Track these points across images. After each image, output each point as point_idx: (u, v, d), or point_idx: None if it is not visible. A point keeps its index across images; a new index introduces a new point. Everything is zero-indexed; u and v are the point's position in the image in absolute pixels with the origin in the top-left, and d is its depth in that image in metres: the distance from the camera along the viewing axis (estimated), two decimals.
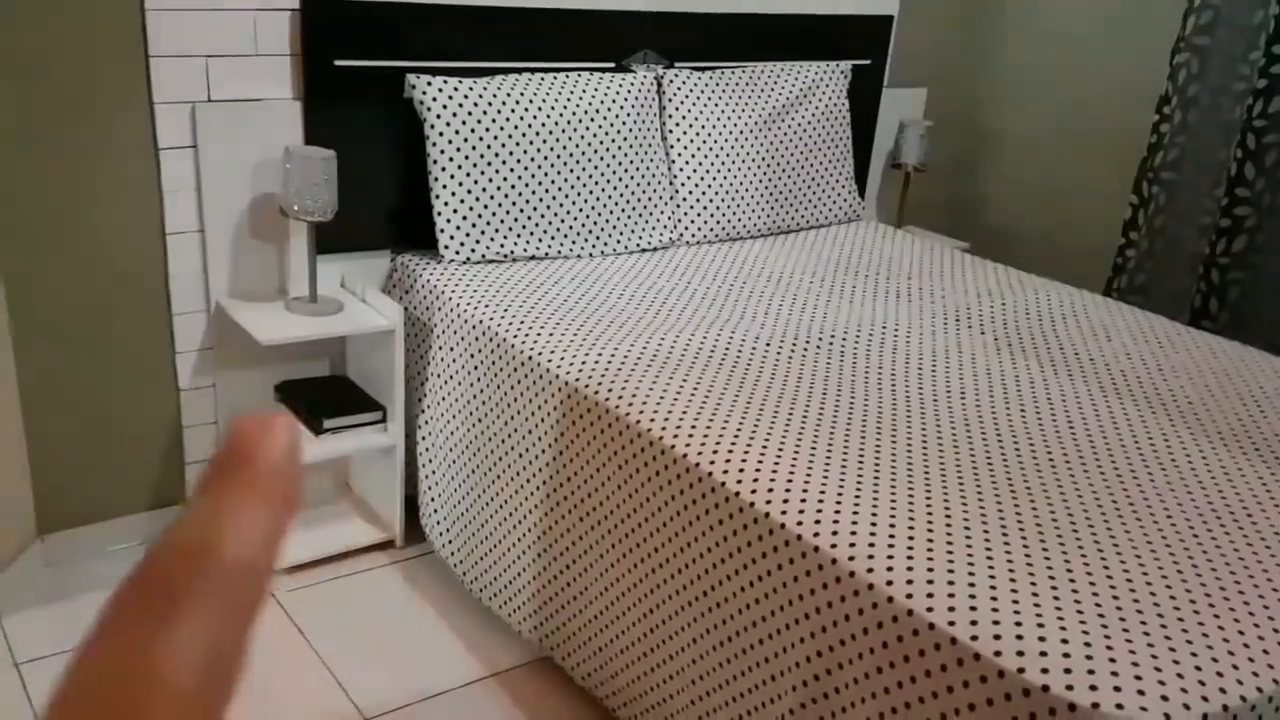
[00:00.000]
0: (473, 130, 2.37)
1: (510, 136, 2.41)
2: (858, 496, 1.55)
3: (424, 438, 2.35)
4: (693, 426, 1.72)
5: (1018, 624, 1.28)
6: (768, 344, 2.10)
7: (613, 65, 2.70)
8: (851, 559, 1.42)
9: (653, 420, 1.75)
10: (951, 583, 1.35)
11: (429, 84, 2.35)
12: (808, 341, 2.13)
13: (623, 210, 2.59)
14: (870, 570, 1.39)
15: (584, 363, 1.95)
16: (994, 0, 3.48)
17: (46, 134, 2.06)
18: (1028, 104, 3.46)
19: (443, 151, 2.36)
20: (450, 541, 2.27)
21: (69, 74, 2.05)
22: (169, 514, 2.43)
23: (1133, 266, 3.05)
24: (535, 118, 2.45)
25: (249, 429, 0.30)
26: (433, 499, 2.33)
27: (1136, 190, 3.01)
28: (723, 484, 1.60)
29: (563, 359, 1.98)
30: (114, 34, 2.07)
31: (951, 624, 1.29)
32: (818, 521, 1.49)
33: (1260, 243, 2.86)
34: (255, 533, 0.28)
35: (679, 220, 2.72)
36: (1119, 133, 3.20)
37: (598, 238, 2.56)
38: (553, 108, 2.47)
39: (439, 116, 2.35)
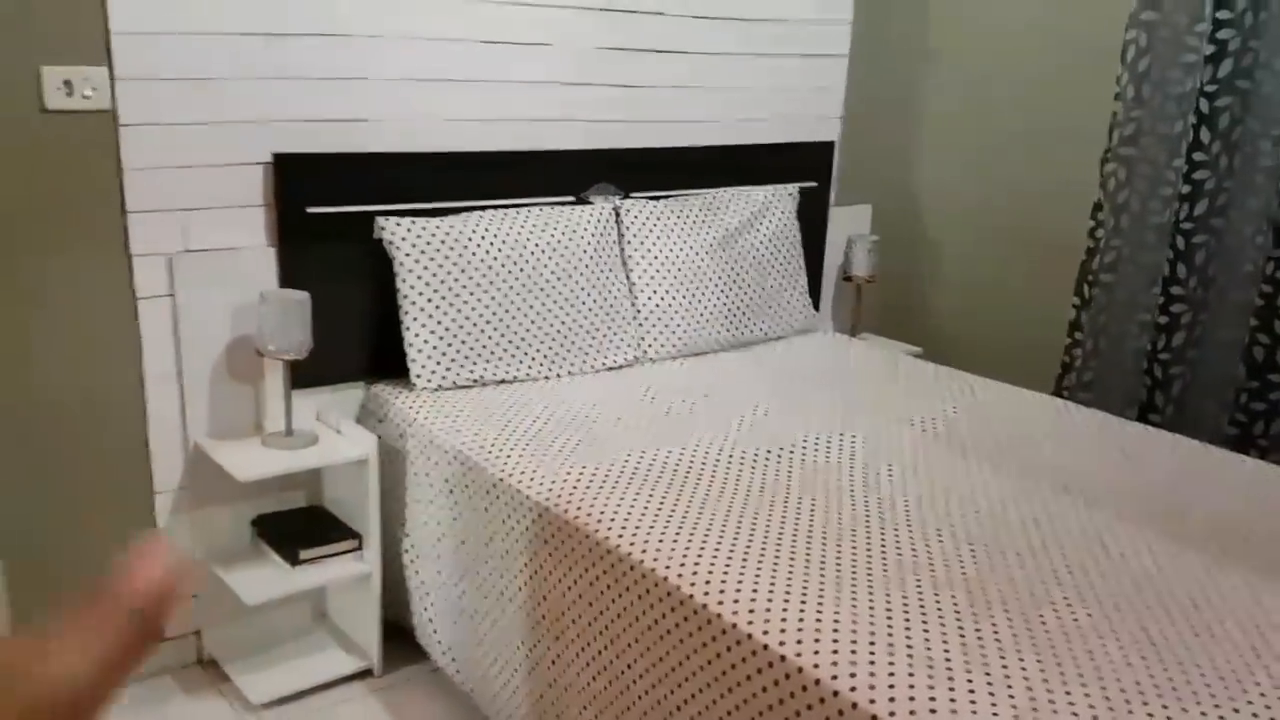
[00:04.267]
0: (440, 265, 2.49)
1: (476, 269, 2.53)
2: (827, 604, 1.61)
3: (411, 562, 2.40)
4: (660, 541, 1.79)
5: None
6: (730, 455, 2.17)
7: (572, 198, 2.85)
8: (835, 677, 1.47)
9: (620, 536, 1.82)
10: (930, 696, 1.41)
11: (397, 224, 2.47)
12: (770, 452, 2.21)
13: (587, 332, 2.70)
14: (854, 689, 1.41)
15: (553, 482, 2.02)
16: (926, 122, 3.68)
17: (30, 286, 2.15)
18: (967, 214, 3.63)
19: (412, 286, 2.47)
20: (454, 659, 2.30)
21: (52, 230, 2.15)
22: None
23: (1080, 365, 3.17)
24: (500, 250, 2.57)
25: (131, 562, 0.32)
26: (430, 619, 2.36)
27: (1078, 292, 3.16)
28: (705, 606, 1.66)
29: (532, 479, 2.05)
30: (93, 192, 2.18)
31: None
32: (800, 642, 1.55)
33: (1197, 337, 3.00)
34: (89, 658, 0.29)
35: (641, 339, 2.83)
36: (1057, 236, 3.37)
37: (564, 359, 2.66)
38: (516, 240, 2.60)
39: (407, 254, 2.46)
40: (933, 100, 3.67)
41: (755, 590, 1.64)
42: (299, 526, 2.47)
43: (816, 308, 3.47)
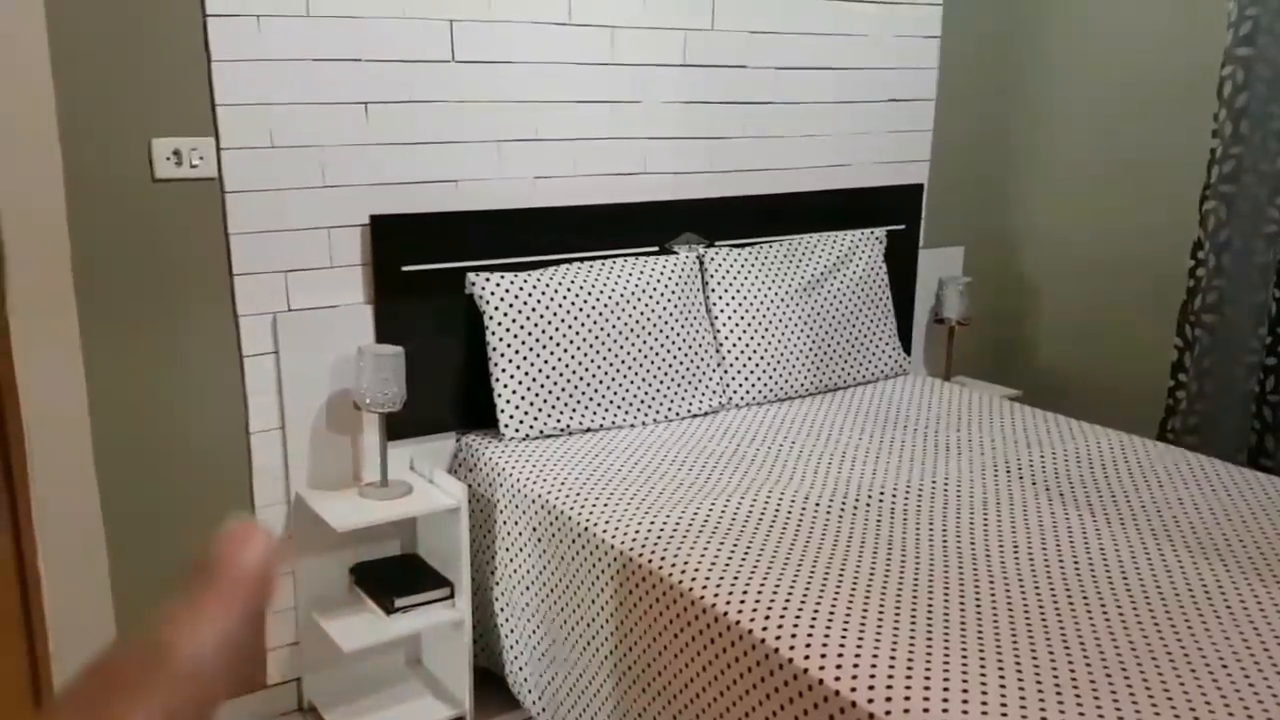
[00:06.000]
0: (528, 318, 2.55)
1: (563, 320, 2.58)
2: (917, 659, 1.59)
3: (501, 609, 2.44)
4: (745, 591, 1.79)
5: None
6: (816, 503, 2.17)
7: (656, 249, 2.89)
8: None
9: (704, 587, 1.82)
10: None
11: (487, 279, 2.54)
12: (856, 499, 2.19)
13: (671, 379, 2.72)
14: None
15: (637, 530, 2.04)
16: (1018, 163, 3.63)
17: (143, 346, 2.27)
18: (1063, 254, 3.56)
19: (501, 339, 2.53)
20: (544, 708, 2.33)
21: (164, 293, 2.27)
22: (250, 701, 2.52)
23: (1185, 408, 3.07)
24: (586, 301, 2.62)
25: (228, 539, 0.31)
26: (520, 666, 2.40)
27: (1180, 333, 3.07)
28: (790, 660, 1.65)
29: (617, 528, 2.07)
30: (201, 256, 2.30)
31: None
32: (890, 699, 1.53)
33: None
34: (212, 637, 0.29)
35: (726, 385, 2.84)
36: (1160, 274, 3.28)
37: (649, 407, 2.69)
38: (601, 291, 2.64)
39: (496, 308, 2.53)
40: (1024, 141, 3.63)
41: (844, 643, 1.63)
42: (394, 574, 2.53)
43: (908, 352, 3.44)
